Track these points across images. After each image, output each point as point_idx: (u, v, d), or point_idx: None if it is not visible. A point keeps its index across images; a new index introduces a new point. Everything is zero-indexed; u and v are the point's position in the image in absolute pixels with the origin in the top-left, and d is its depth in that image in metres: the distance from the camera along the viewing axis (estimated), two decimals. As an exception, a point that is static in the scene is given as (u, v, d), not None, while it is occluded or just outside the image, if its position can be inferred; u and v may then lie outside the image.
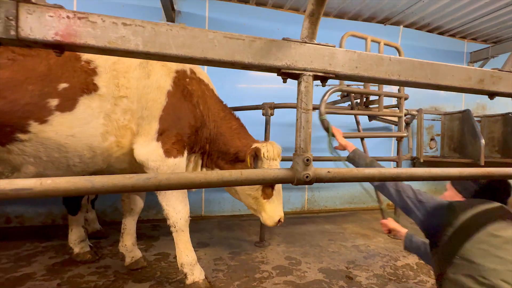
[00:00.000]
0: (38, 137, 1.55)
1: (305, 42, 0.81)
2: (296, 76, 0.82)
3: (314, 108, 2.05)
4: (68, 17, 0.62)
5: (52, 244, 2.70)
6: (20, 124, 1.48)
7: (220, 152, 2.18)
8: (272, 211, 2.16)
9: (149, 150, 1.83)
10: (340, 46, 2.28)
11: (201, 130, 2.06)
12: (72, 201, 2.38)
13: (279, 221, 2.17)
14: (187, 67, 2.07)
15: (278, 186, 2.22)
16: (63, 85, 1.56)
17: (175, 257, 2.02)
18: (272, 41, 0.78)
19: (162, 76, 1.88)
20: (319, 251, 2.75)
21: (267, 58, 0.78)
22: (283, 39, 0.80)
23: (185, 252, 1.93)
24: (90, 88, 1.64)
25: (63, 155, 1.65)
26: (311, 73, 0.82)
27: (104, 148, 1.75)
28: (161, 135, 1.85)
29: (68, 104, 1.57)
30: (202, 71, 2.22)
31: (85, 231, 2.44)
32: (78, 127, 1.62)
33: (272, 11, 4.02)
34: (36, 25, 0.59)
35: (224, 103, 2.29)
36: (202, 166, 2.25)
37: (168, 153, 1.86)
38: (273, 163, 2.12)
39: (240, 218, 3.81)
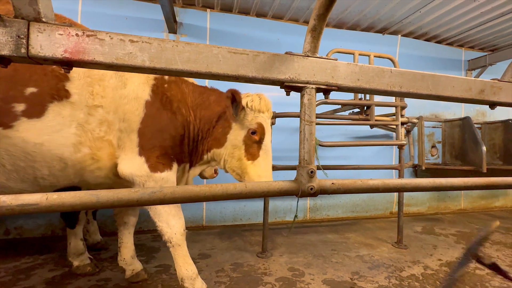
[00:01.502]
0: (2, 143, 1.46)
1: (308, 56, 0.83)
2: (299, 89, 0.83)
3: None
4: (77, 35, 0.63)
5: (52, 256, 2.66)
6: None
7: (208, 137, 2.00)
8: (256, 175, 1.90)
9: (133, 166, 1.73)
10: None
11: (186, 133, 1.93)
12: (69, 214, 2.34)
13: None
14: None
15: (266, 146, 1.99)
16: (31, 90, 1.47)
17: (176, 269, 1.98)
18: (276, 55, 0.80)
19: (139, 85, 1.77)
20: (323, 262, 2.71)
21: (270, 71, 0.79)
22: (286, 53, 0.82)
23: (184, 266, 1.87)
24: (61, 94, 1.54)
25: (29, 164, 1.55)
26: (314, 86, 0.83)
27: (76, 159, 1.64)
28: (143, 149, 1.75)
29: (36, 110, 1.48)
30: None
31: (83, 244, 2.40)
32: (47, 135, 1.52)
33: (272, 22, 4.10)
34: (46, 43, 0.61)
35: (204, 86, 2.11)
36: (190, 167, 2.09)
37: (153, 168, 1.76)
38: (260, 116, 1.93)
39: (242, 228, 3.77)
